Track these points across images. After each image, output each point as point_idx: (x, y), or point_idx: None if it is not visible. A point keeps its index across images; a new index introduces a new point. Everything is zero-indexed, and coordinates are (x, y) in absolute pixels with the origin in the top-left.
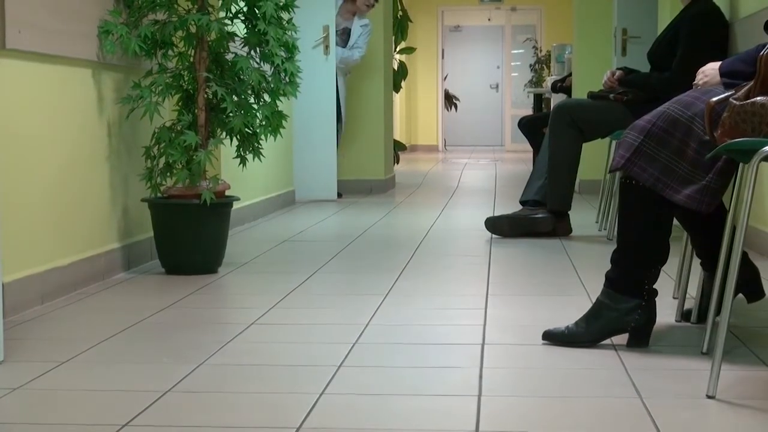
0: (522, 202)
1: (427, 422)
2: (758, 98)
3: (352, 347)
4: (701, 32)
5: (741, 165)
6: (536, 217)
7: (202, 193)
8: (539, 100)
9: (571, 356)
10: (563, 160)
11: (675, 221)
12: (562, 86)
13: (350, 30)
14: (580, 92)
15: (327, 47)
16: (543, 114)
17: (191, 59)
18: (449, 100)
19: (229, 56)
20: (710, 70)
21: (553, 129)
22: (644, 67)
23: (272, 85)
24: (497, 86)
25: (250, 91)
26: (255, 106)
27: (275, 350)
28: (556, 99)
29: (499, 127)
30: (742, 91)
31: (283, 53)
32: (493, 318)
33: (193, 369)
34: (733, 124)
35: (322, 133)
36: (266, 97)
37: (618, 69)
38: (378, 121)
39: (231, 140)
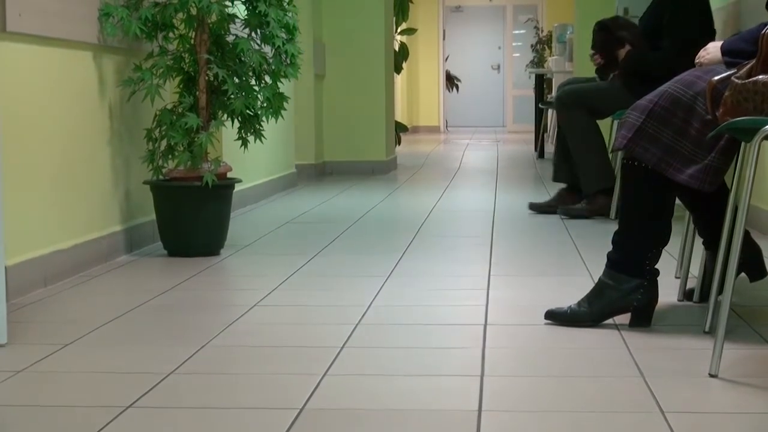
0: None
1: (429, 402)
2: (760, 77)
3: (355, 328)
4: (687, 7)
5: (743, 144)
6: (573, 208)
7: (203, 175)
8: (541, 80)
9: (574, 336)
10: (582, 142)
11: (677, 201)
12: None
13: None
14: (581, 73)
15: None
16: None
17: (192, 41)
18: (450, 81)
19: (230, 38)
20: (712, 49)
21: (562, 116)
22: None
23: (273, 67)
24: (499, 67)
25: (251, 73)
26: (256, 88)
27: (278, 331)
28: (557, 79)
29: (501, 107)
30: (744, 69)
31: (283, 35)
32: (496, 298)
33: (196, 351)
34: (735, 102)
35: None
36: (267, 78)
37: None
38: (379, 102)
39: (232, 122)
